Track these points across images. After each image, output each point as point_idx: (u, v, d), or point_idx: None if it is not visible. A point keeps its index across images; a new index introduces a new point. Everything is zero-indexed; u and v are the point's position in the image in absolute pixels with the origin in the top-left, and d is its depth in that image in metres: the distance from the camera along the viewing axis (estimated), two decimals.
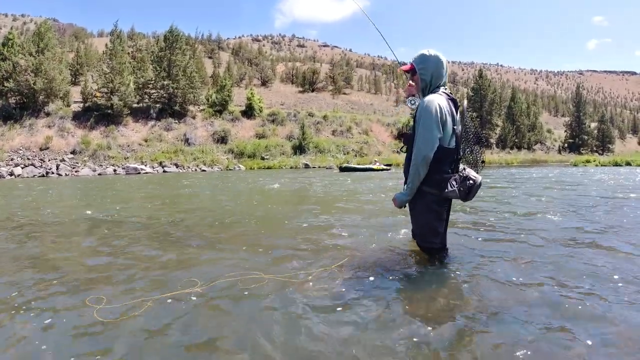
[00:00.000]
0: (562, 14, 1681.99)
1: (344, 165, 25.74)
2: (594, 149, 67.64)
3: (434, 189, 2.70)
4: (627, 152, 55.86)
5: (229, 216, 5.78)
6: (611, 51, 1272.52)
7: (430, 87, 2.81)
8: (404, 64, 3.09)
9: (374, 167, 25.28)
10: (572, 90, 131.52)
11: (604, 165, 29.10)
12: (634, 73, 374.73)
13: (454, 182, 2.64)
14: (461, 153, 2.77)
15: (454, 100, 2.77)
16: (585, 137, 68.51)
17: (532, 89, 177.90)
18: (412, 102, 3.03)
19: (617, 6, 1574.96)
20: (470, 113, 2.88)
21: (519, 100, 66.20)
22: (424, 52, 2.83)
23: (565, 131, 71.38)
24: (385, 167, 26.19)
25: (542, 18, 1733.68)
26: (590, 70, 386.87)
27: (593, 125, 73.15)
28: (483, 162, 2.83)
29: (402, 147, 3.01)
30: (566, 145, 68.86)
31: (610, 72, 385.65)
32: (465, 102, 2.82)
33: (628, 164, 28.67)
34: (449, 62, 2.90)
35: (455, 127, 2.71)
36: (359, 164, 28.11)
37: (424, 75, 2.81)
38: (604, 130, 71.09)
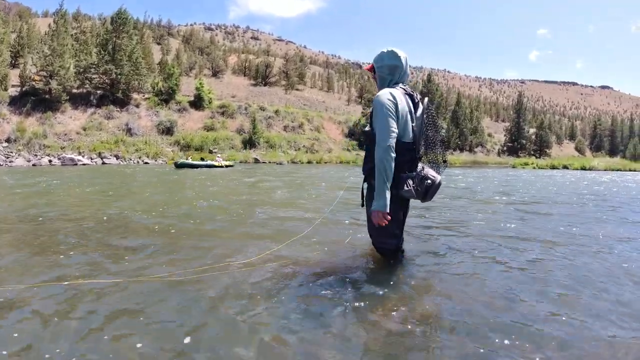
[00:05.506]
0: (509, 26, 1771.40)
1: (180, 161, 23.60)
2: (532, 152, 71.88)
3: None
4: (564, 156, 60.17)
5: None
6: (552, 62, 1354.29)
7: (389, 85, 2.74)
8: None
9: (216, 163, 24.06)
10: (513, 98, 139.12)
11: (542, 168, 30.88)
12: (574, 84, 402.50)
13: (410, 182, 2.57)
14: (421, 151, 2.70)
15: (411, 96, 2.72)
16: (524, 142, 72.84)
17: (475, 95, 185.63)
18: None
19: (560, 19, 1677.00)
20: (432, 111, 2.78)
21: (463, 105, 69.99)
22: (383, 50, 2.80)
23: (505, 135, 75.51)
24: (228, 164, 25.42)
25: (489, 28, 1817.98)
26: (532, 80, 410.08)
27: (532, 130, 77.63)
28: (445, 161, 2.76)
29: (364, 145, 2.91)
30: (505, 148, 72.89)
31: (551, 82, 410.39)
32: (427, 99, 2.74)
33: (565, 167, 30.54)
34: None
35: (413, 123, 2.64)
36: (195, 160, 25.39)
37: (381, 72, 2.77)
38: (542, 135, 75.51)
